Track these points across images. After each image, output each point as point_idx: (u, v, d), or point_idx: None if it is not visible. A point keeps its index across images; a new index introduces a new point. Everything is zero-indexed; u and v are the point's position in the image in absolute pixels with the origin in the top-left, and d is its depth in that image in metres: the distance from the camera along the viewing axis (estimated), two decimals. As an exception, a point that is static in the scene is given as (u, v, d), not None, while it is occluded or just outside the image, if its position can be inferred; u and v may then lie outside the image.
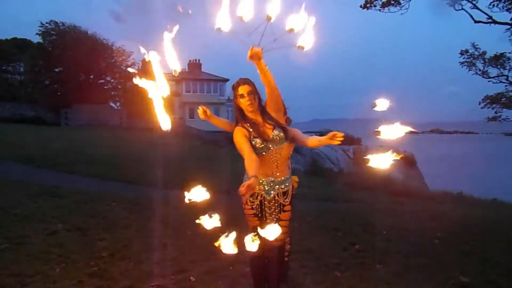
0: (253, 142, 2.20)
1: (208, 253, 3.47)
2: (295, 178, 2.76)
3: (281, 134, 2.21)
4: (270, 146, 2.20)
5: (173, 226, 4.37)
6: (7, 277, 2.73)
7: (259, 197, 2.30)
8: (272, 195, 2.29)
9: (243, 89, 2.16)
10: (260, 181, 2.26)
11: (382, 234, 4.60)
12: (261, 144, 2.19)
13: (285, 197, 2.33)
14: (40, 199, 5.16)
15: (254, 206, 2.32)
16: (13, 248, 3.32)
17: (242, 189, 1.70)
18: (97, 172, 7.84)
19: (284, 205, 2.33)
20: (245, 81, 2.18)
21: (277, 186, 2.29)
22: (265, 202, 2.30)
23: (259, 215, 2.33)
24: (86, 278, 2.81)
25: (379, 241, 4.27)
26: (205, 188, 1.77)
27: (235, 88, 2.20)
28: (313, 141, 2.33)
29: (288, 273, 2.90)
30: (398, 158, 1.77)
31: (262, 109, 2.22)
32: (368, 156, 1.79)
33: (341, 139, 1.90)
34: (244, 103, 2.17)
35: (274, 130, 2.20)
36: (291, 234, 2.92)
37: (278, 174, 2.28)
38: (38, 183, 6.24)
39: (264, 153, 2.22)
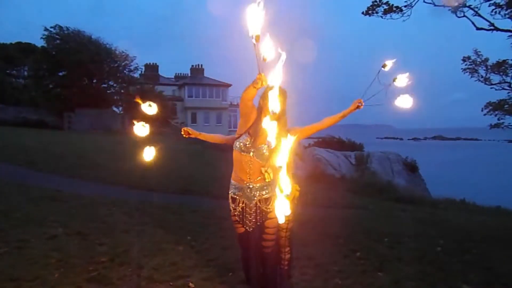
0: (243, 135, 2.21)
1: (207, 259, 3.46)
2: (296, 187, 2.72)
3: (266, 154, 2.18)
4: (251, 151, 2.18)
5: (173, 231, 4.36)
6: (5, 281, 2.71)
7: (240, 204, 2.27)
8: (254, 201, 2.25)
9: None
10: (239, 186, 2.25)
11: (384, 241, 4.57)
12: (246, 142, 2.18)
13: (267, 204, 2.27)
14: (41, 203, 5.15)
15: (236, 213, 2.30)
16: (12, 252, 3.31)
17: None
18: (98, 177, 7.84)
19: (267, 212, 2.27)
20: (284, 93, 2.20)
21: (258, 192, 2.25)
22: (247, 209, 2.27)
23: (240, 222, 2.30)
24: (85, 283, 2.79)
25: (381, 248, 4.24)
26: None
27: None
28: (331, 120, 2.31)
29: (289, 281, 2.88)
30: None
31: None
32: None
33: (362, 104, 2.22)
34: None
35: (266, 145, 2.17)
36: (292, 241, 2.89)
37: (252, 182, 2.23)
38: (39, 187, 6.25)
39: (244, 152, 2.19)
